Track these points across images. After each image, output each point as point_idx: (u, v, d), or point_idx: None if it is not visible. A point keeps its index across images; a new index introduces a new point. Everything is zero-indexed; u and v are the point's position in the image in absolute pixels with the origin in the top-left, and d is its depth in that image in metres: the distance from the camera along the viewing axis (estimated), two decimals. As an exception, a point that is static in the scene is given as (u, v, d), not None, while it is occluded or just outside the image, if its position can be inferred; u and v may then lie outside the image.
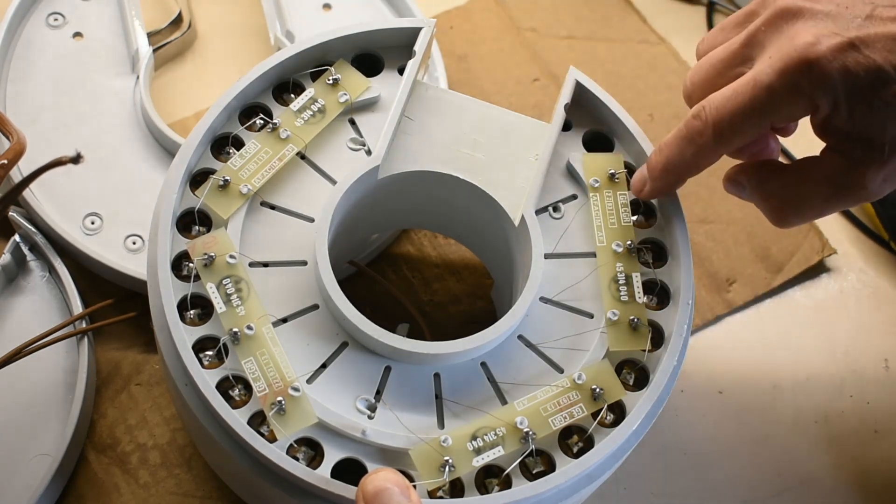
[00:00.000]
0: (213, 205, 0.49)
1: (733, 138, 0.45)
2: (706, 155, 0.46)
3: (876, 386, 0.62)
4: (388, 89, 0.53)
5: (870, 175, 0.44)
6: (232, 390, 0.46)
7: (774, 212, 0.47)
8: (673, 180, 0.49)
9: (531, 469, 0.46)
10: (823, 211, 0.46)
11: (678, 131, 0.47)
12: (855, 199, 0.45)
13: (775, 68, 0.43)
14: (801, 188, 0.46)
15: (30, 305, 0.59)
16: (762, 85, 0.44)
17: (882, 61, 0.42)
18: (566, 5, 0.76)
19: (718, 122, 0.45)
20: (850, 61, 0.43)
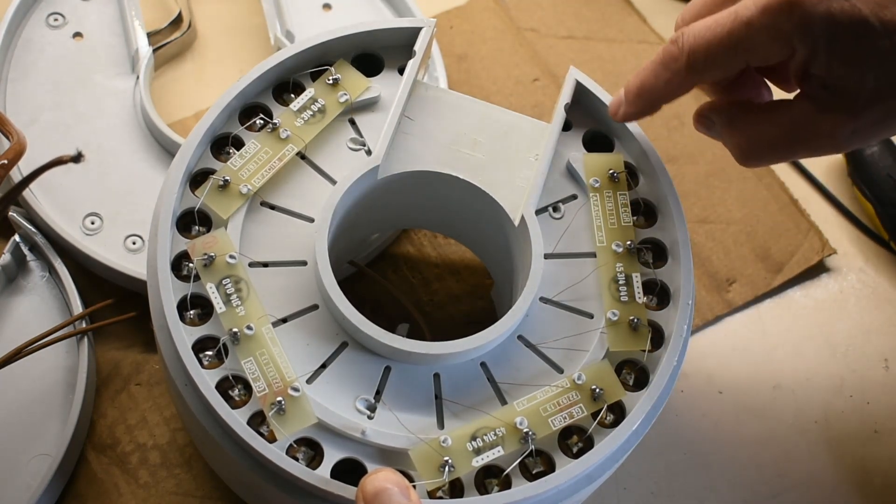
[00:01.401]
0: (212, 205, 0.49)
1: (706, 69, 0.45)
2: (678, 82, 0.46)
3: (876, 386, 0.62)
4: (388, 89, 0.53)
5: (839, 125, 0.43)
6: (232, 390, 0.46)
7: (740, 149, 0.46)
8: (646, 105, 0.48)
9: (531, 469, 0.46)
10: (786, 154, 0.46)
11: (654, 57, 0.47)
12: (820, 147, 0.45)
13: (758, 4, 0.43)
14: (767, 128, 0.45)
15: (30, 305, 0.59)
16: (742, 19, 0.43)
17: (867, 12, 0.42)
18: (566, 5, 0.76)
19: (693, 49, 0.44)
20: (834, 7, 0.42)
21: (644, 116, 0.50)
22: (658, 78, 0.46)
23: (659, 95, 0.47)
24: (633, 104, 0.48)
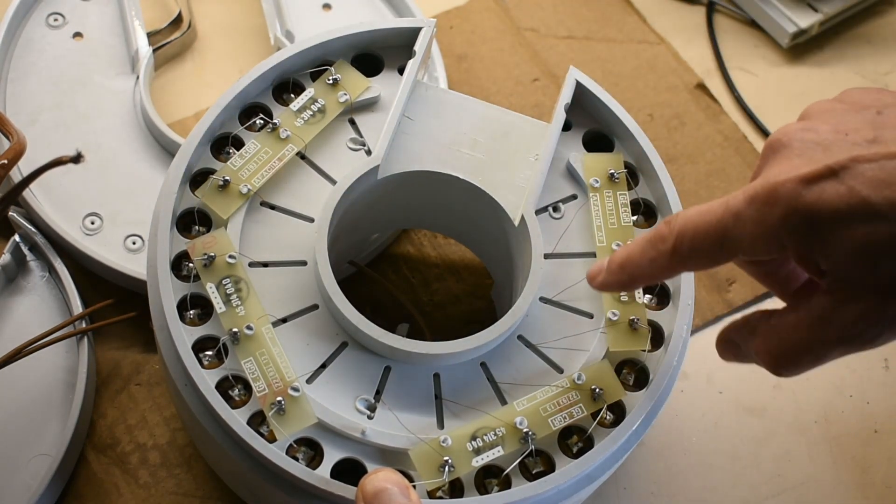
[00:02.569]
0: (212, 205, 0.49)
1: (690, 256, 0.41)
2: (662, 264, 0.42)
3: (876, 386, 0.62)
4: (388, 89, 0.53)
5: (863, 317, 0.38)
6: (231, 390, 0.46)
7: (772, 360, 0.41)
8: (626, 279, 0.44)
9: (531, 469, 0.46)
10: (822, 355, 0.40)
11: (646, 233, 0.44)
12: (852, 344, 0.39)
13: (746, 195, 0.39)
14: (792, 332, 0.40)
15: (30, 305, 0.59)
16: (731, 209, 0.39)
17: (869, 193, 0.36)
18: (566, 5, 0.76)
19: (681, 233, 0.41)
20: (828, 194, 0.36)
21: (622, 290, 0.47)
22: (644, 255, 0.43)
23: (641, 273, 0.43)
24: (614, 274, 0.44)
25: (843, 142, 0.38)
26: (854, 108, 0.40)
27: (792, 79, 0.74)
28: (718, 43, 0.75)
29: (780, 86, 0.74)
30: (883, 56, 0.75)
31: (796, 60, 0.75)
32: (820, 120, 0.40)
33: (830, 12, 0.74)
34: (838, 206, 0.36)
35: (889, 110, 0.39)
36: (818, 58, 0.75)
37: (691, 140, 0.70)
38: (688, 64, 0.74)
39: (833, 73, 0.75)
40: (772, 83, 0.74)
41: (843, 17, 0.76)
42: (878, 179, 0.36)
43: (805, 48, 0.75)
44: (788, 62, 0.75)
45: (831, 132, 0.39)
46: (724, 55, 0.75)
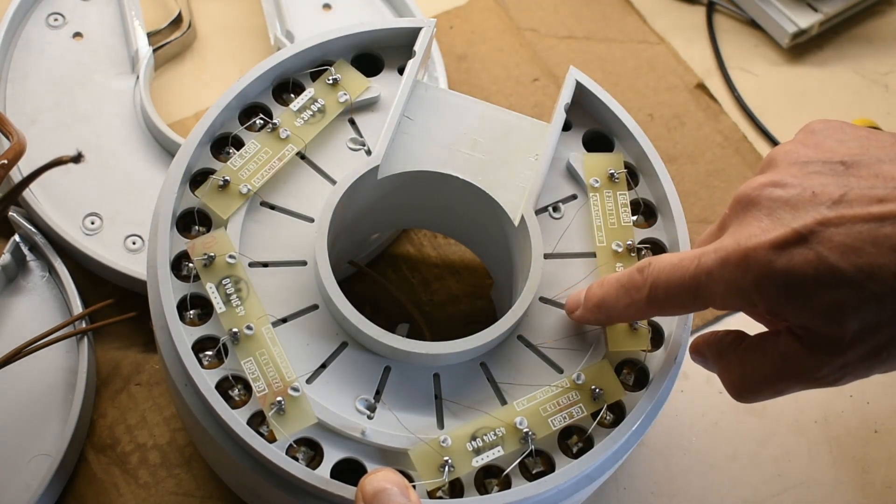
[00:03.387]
0: (212, 205, 0.49)
1: (665, 306, 0.43)
2: (637, 310, 0.44)
3: (876, 386, 0.62)
4: (388, 89, 0.53)
5: (826, 363, 0.40)
6: (231, 390, 0.46)
7: (733, 386, 0.44)
8: (603, 318, 0.47)
9: (531, 469, 0.46)
10: (779, 390, 0.42)
11: (621, 276, 0.45)
12: (810, 383, 0.41)
13: (718, 255, 0.40)
14: (757, 364, 0.42)
15: (30, 305, 0.59)
16: (703, 268, 0.41)
17: (836, 260, 0.37)
18: (566, 5, 0.76)
19: (655, 285, 0.43)
20: (797, 260, 0.38)
21: (598, 325, 0.48)
22: (619, 300, 0.45)
23: (616, 315, 0.46)
24: (591, 312, 0.47)
25: (810, 202, 0.39)
26: (821, 156, 0.41)
27: (792, 79, 0.74)
28: (718, 43, 0.75)
29: (780, 86, 0.74)
30: (883, 56, 0.75)
31: (796, 60, 0.75)
32: (787, 172, 0.41)
33: (830, 12, 0.74)
34: (807, 272, 0.38)
35: (856, 163, 0.40)
36: (818, 58, 0.75)
37: (691, 140, 0.70)
38: (688, 64, 0.74)
39: (833, 73, 0.75)
40: (772, 83, 0.74)
41: (843, 17, 0.76)
42: (845, 245, 0.37)
43: (805, 48, 0.75)
44: (788, 62, 0.75)
45: (798, 189, 0.39)
46: (724, 55, 0.75)
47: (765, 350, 0.42)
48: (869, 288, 0.37)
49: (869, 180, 0.39)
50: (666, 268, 0.42)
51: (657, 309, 0.44)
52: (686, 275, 0.41)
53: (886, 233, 0.37)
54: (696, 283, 0.41)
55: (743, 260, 0.39)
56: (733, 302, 0.40)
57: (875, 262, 0.37)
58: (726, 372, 0.44)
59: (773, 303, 0.39)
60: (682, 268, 0.42)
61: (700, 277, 0.41)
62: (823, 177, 0.40)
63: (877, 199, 0.38)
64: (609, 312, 0.46)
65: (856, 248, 0.37)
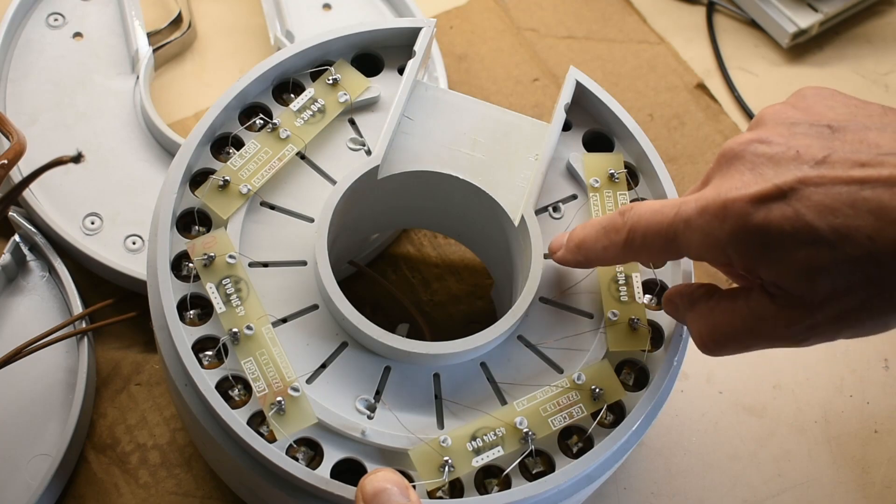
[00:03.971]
0: (212, 205, 0.49)
1: (641, 251, 0.43)
2: (615, 253, 0.45)
3: (876, 386, 0.62)
4: (388, 89, 0.53)
5: (795, 321, 0.40)
6: (231, 390, 0.46)
7: (700, 337, 0.44)
8: (582, 259, 0.47)
9: (531, 469, 0.46)
10: (745, 345, 0.42)
11: (603, 219, 0.45)
12: (778, 341, 0.41)
13: (698, 204, 0.40)
14: (727, 317, 0.42)
15: (30, 305, 0.59)
16: (682, 216, 0.41)
17: (813, 218, 0.37)
18: (566, 5, 0.76)
19: (633, 229, 0.43)
20: (774, 215, 0.38)
21: (578, 267, 0.49)
22: (598, 241, 0.45)
23: (595, 257, 0.46)
24: (571, 253, 0.47)
25: (794, 160, 0.39)
26: (808, 118, 0.41)
27: (792, 79, 0.74)
28: (718, 43, 0.75)
29: (780, 86, 0.74)
30: (883, 56, 0.75)
31: (796, 60, 0.75)
32: (773, 130, 0.41)
33: (830, 12, 0.74)
34: (784, 228, 0.38)
35: (842, 128, 0.40)
36: (818, 58, 0.75)
37: (691, 140, 0.70)
38: (688, 64, 0.74)
39: (833, 73, 0.75)
40: (772, 83, 0.74)
41: (843, 17, 0.76)
42: (823, 205, 0.37)
43: (805, 48, 0.75)
44: (788, 62, 0.75)
45: (783, 147, 0.40)
46: (724, 55, 0.75)
47: (735, 304, 0.42)
48: (843, 249, 0.37)
49: (853, 145, 0.39)
50: (646, 213, 0.43)
51: (633, 253, 0.44)
52: (665, 221, 0.42)
53: (865, 196, 0.37)
54: (674, 230, 0.41)
55: (721, 210, 0.39)
56: (708, 252, 0.41)
57: (851, 223, 0.37)
58: (695, 323, 0.44)
59: (747, 256, 0.39)
60: (662, 214, 0.42)
61: (678, 225, 0.41)
62: (809, 138, 0.40)
63: (859, 164, 0.38)
64: (587, 253, 0.46)
65: (833, 209, 0.37)
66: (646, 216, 0.43)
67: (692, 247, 0.41)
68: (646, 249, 0.43)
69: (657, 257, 0.45)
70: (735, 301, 0.42)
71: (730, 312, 0.42)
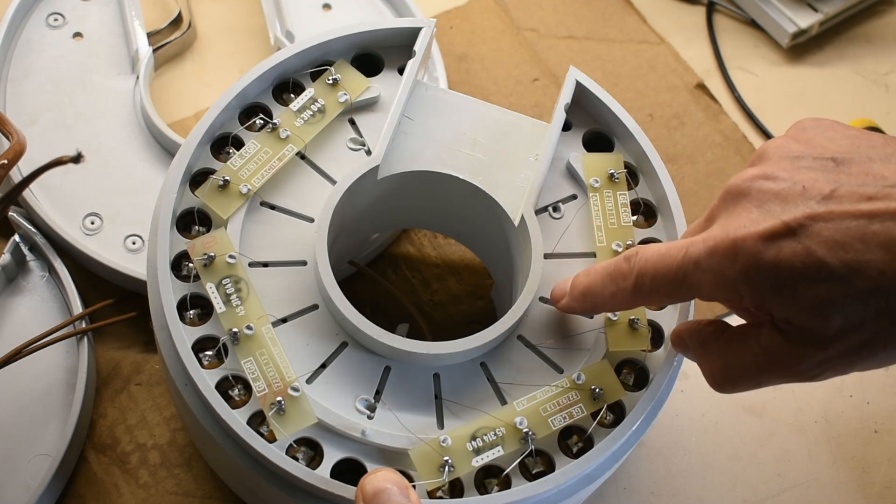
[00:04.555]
0: (212, 205, 0.49)
1: (651, 296, 0.43)
2: (623, 299, 0.44)
3: (876, 386, 0.62)
4: (388, 89, 0.53)
5: (807, 357, 0.40)
6: (231, 390, 0.46)
7: (712, 376, 0.44)
8: (588, 307, 0.47)
9: (531, 469, 0.46)
10: (758, 382, 0.42)
11: (608, 265, 0.45)
12: (790, 377, 0.41)
13: (706, 245, 0.40)
14: (738, 355, 0.42)
15: (30, 305, 0.59)
16: (691, 257, 0.40)
17: (824, 254, 0.37)
18: (566, 5, 0.76)
19: (641, 275, 0.43)
20: (785, 253, 0.38)
21: (583, 314, 0.49)
22: (605, 288, 0.45)
23: (602, 303, 0.46)
24: (577, 301, 0.47)
25: (800, 195, 0.39)
26: (811, 151, 0.41)
27: (792, 79, 0.74)
28: (718, 43, 0.75)
29: (780, 86, 0.74)
30: (883, 56, 0.75)
31: (796, 60, 0.75)
32: (777, 165, 0.41)
33: (830, 12, 0.74)
34: (795, 265, 0.38)
35: (846, 160, 0.40)
36: (818, 58, 0.75)
37: (691, 140, 0.70)
38: (688, 64, 0.74)
39: (833, 73, 0.75)
40: (772, 83, 0.74)
41: (843, 17, 0.76)
42: (833, 240, 0.37)
43: (805, 48, 0.75)
44: (788, 62, 0.75)
45: (789, 183, 0.40)
46: (724, 55, 0.75)
47: (747, 342, 0.42)
48: (854, 284, 0.37)
49: (859, 178, 0.39)
50: (653, 257, 0.42)
51: (643, 298, 0.44)
52: (673, 264, 0.41)
53: (874, 230, 0.37)
54: (683, 272, 0.41)
55: (731, 250, 0.39)
56: (719, 293, 0.40)
57: (862, 258, 0.37)
58: (707, 362, 0.44)
59: (759, 295, 0.39)
60: (670, 257, 0.41)
61: (687, 267, 0.41)
62: (814, 172, 0.40)
63: (866, 197, 0.38)
64: (594, 301, 0.46)
65: (844, 244, 0.37)
66: (653, 260, 0.42)
67: (703, 288, 0.41)
68: (655, 293, 0.43)
69: (667, 300, 0.44)
70: (746, 340, 0.42)
71: (741, 351, 0.42)
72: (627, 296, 0.44)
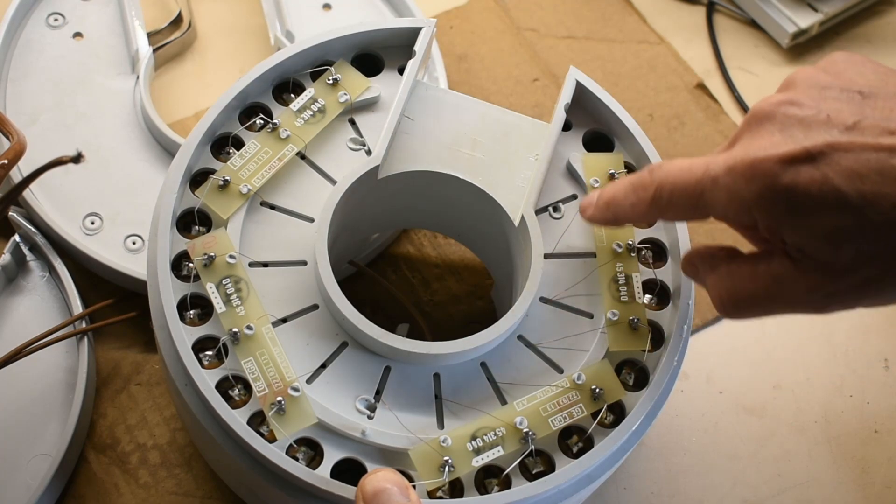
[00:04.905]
0: (212, 205, 0.49)
1: (668, 209, 0.43)
2: (641, 210, 0.44)
3: (876, 386, 0.62)
4: (388, 89, 0.53)
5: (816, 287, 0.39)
6: (231, 390, 0.46)
7: (720, 300, 0.43)
8: (610, 217, 0.47)
9: (531, 469, 0.46)
10: (765, 309, 0.42)
11: (633, 176, 0.45)
12: (797, 306, 0.41)
13: (726, 163, 0.40)
14: (747, 281, 0.42)
15: (30, 305, 0.59)
16: (710, 174, 0.40)
17: (841, 183, 0.37)
18: (566, 5, 0.76)
19: (661, 187, 0.43)
20: (802, 178, 0.38)
21: (608, 225, 0.49)
22: (626, 198, 0.45)
23: (624, 214, 0.46)
24: (601, 211, 0.47)
25: (824, 124, 0.39)
26: (839, 83, 0.41)
27: (792, 79, 0.74)
28: (718, 43, 0.75)
29: (780, 86, 0.74)
30: (883, 56, 0.75)
31: (796, 60, 0.75)
32: (804, 94, 0.41)
33: (830, 12, 0.74)
34: (811, 191, 0.38)
35: (873, 95, 0.40)
36: (818, 58, 0.75)
37: (691, 140, 0.70)
38: (688, 64, 0.74)
39: (833, 73, 0.74)
40: (772, 83, 0.74)
41: (843, 17, 0.76)
42: (852, 170, 0.37)
43: (805, 48, 0.75)
44: (788, 62, 0.75)
45: (814, 111, 0.39)
46: (724, 55, 0.75)
47: (757, 268, 0.41)
48: (868, 216, 0.37)
49: (884, 112, 0.39)
50: (674, 170, 0.42)
51: (659, 211, 0.44)
52: (692, 179, 0.41)
53: (894, 164, 0.37)
54: (701, 188, 0.41)
55: (749, 169, 0.39)
56: (733, 212, 0.40)
57: (879, 190, 0.37)
58: (715, 286, 0.44)
59: (772, 217, 0.39)
60: (690, 172, 0.41)
61: (705, 183, 0.41)
62: (840, 103, 0.40)
63: (889, 131, 0.38)
64: (616, 210, 0.46)
65: (861, 175, 0.37)
66: (673, 173, 0.42)
67: (718, 206, 0.41)
68: (672, 207, 0.43)
69: (683, 215, 0.44)
70: (756, 264, 0.42)
71: (750, 276, 0.42)
72: (645, 206, 0.44)
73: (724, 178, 0.40)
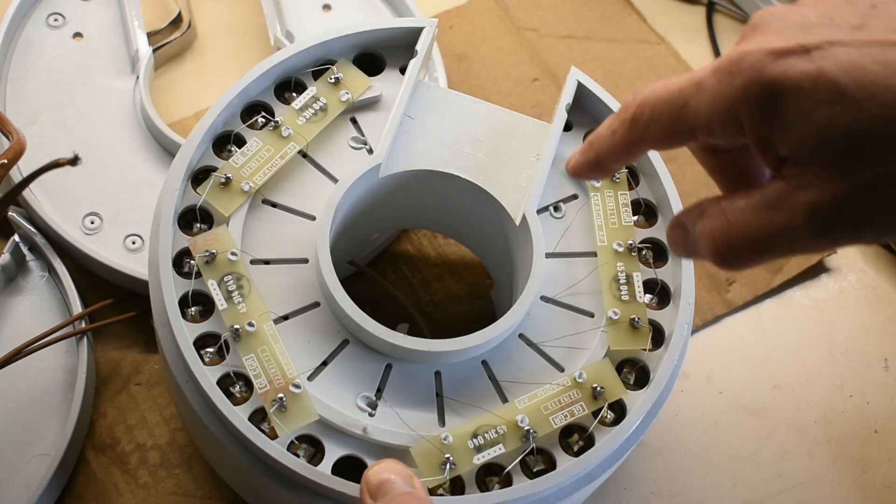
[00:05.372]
0: (214, 202, 0.49)
1: (648, 126, 0.39)
2: (622, 135, 0.40)
3: (876, 386, 0.62)
4: (390, 89, 0.53)
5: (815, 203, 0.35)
6: (233, 387, 0.46)
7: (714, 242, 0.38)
8: (592, 157, 0.42)
9: (532, 467, 0.46)
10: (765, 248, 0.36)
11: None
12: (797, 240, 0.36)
13: (713, 65, 0.36)
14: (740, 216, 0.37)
15: (30, 305, 0.59)
16: (695, 79, 0.37)
17: (837, 74, 0.33)
18: (566, 5, 0.76)
19: (643, 102, 0.39)
20: (794, 69, 0.34)
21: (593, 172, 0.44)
22: (609, 126, 0.41)
23: (605, 148, 0.41)
24: (583, 153, 0.43)
25: (826, 25, 0.35)
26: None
27: (791, 80, 0.74)
28: (718, 43, 0.75)
29: (780, 87, 0.74)
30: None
31: (795, 62, 0.75)
32: (810, 5, 0.38)
33: (829, 14, 0.74)
34: (803, 83, 0.34)
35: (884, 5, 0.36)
36: (817, 59, 0.75)
37: (691, 141, 0.70)
38: (688, 64, 0.74)
39: (832, 75, 0.75)
40: (771, 84, 0.74)
41: (842, 19, 0.76)
42: (850, 62, 0.34)
43: (804, 49, 0.75)
44: (787, 63, 0.75)
45: (817, 16, 0.36)
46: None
47: (749, 199, 0.37)
48: (868, 108, 0.33)
49: (892, 22, 0.35)
50: (658, 85, 0.39)
51: (640, 131, 0.39)
52: (675, 88, 0.37)
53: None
54: (684, 96, 0.37)
55: (735, 63, 0.35)
56: (716, 117, 0.36)
57: (880, 81, 0.33)
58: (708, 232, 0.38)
59: (758, 118, 0.35)
60: (675, 83, 0.38)
61: (689, 89, 0.37)
62: (847, 8, 0.36)
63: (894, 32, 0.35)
64: (598, 147, 0.42)
65: (862, 66, 0.33)
66: (657, 88, 0.39)
67: (701, 112, 0.36)
68: (653, 125, 0.38)
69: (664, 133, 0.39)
70: (748, 196, 0.37)
71: (743, 208, 0.37)
72: (626, 129, 0.40)
73: (709, 80, 0.36)
